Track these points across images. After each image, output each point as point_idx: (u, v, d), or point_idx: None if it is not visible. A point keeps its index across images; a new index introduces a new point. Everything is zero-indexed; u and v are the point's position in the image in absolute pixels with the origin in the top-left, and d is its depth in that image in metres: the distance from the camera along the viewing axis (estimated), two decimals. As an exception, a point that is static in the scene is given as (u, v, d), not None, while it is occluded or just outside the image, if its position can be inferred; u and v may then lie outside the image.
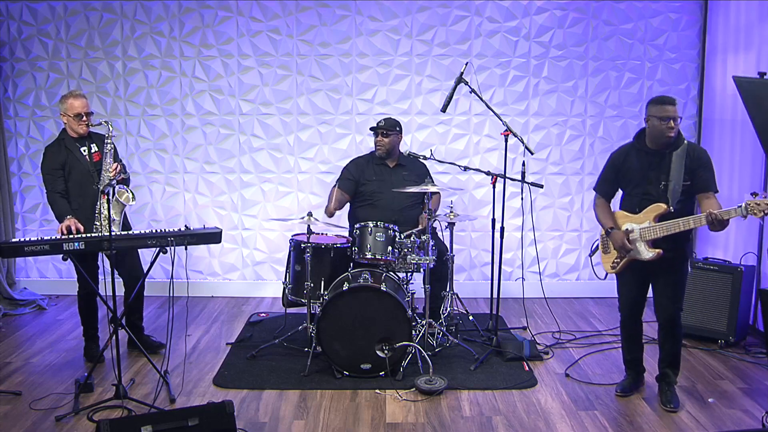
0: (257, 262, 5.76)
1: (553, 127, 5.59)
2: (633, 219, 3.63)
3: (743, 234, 4.87)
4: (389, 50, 5.50)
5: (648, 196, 3.59)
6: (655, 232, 3.53)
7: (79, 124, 4.02)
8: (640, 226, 3.58)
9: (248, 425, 3.42)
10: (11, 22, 5.47)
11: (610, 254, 3.75)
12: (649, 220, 3.56)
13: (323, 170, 5.61)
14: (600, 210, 3.78)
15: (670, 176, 3.52)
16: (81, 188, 4.04)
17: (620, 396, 3.76)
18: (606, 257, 3.78)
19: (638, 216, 3.61)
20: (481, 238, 5.67)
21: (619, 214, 3.71)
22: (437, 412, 3.59)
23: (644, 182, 3.60)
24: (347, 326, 3.93)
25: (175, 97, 5.55)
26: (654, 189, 3.57)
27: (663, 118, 3.47)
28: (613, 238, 3.65)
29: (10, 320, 5.11)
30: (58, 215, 3.96)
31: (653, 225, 3.54)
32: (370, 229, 4.19)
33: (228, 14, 5.46)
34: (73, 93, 4.06)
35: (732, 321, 4.43)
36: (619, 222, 3.68)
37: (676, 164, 3.51)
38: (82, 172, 4.05)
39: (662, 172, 3.55)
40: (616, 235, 3.63)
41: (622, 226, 3.66)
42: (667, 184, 3.53)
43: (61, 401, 3.66)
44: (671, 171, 3.52)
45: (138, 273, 4.26)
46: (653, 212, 3.55)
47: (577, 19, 5.48)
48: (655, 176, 3.57)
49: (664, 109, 3.47)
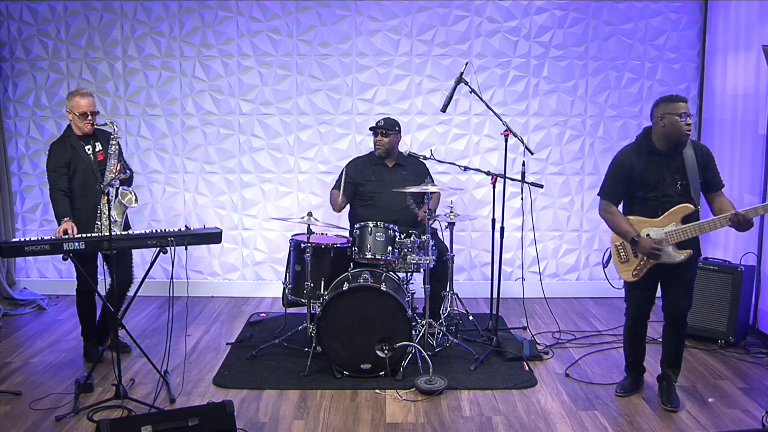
0: (257, 262, 5.76)
1: (553, 127, 5.59)
2: (653, 223, 3.49)
3: (743, 234, 4.83)
4: (389, 50, 5.50)
5: (666, 198, 3.46)
6: (686, 234, 3.41)
7: (84, 123, 4.00)
8: (665, 229, 3.45)
9: (248, 425, 3.42)
10: (11, 22, 5.47)
11: (629, 262, 3.59)
12: (674, 223, 3.44)
13: (323, 170, 5.61)
14: (616, 218, 3.58)
15: (687, 175, 3.43)
16: (84, 187, 4.03)
17: (620, 396, 3.76)
18: (625, 266, 3.61)
19: (659, 220, 3.47)
20: (481, 238, 5.66)
21: (635, 219, 3.54)
22: (437, 412, 3.59)
23: (661, 184, 3.47)
24: (347, 326, 3.93)
25: (175, 97, 5.55)
26: (671, 190, 3.46)
27: (681, 114, 3.37)
28: (642, 246, 3.47)
29: (10, 320, 5.11)
30: (57, 215, 3.95)
31: (681, 227, 3.42)
32: (370, 229, 4.19)
33: (228, 14, 5.46)
34: (80, 91, 4.03)
35: (732, 321, 4.43)
36: (637, 228, 3.52)
37: (690, 162, 3.43)
38: (86, 171, 4.03)
39: (677, 172, 3.45)
40: (645, 242, 3.46)
41: (641, 231, 3.51)
42: (686, 183, 3.43)
43: (61, 401, 3.66)
44: (687, 169, 3.43)
45: (128, 276, 4.26)
46: (679, 214, 3.44)
47: (577, 19, 5.48)
48: (670, 177, 3.46)
49: (680, 106, 3.39)
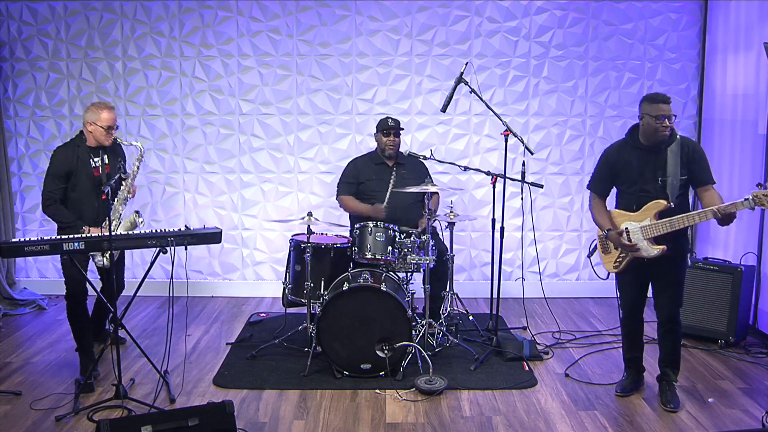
0: (257, 262, 5.76)
1: (553, 127, 5.59)
2: (631, 217, 3.59)
3: (743, 234, 4.86)
4: (389, 50, 5.50)
5: (645, 193, 3.55)
6: (658, 229, 3.48)
7: (107, 136, 3.95)
8: (641, 224, 3.54)
9: (248, 425, 3.42)
10: (11, 22, 5.47)
11: (611, 254, 3.72)
12: (649, 218, 3.52)
13: (323, 170, 5.61)
14: (596, 210, 3.73)
15: (668, 171, 3.49)
16: (85, 198, 3.95)
17: (620, 396, 3.76)
18: (607, 257, 3.75)
19: (636, 214, 3.57)
20: (481, 238, 5.66)
21: (616, 213, 3.67)
22: (437, 412, 3.58)
23: (640, 179, 3.56)
24: (347, 326, 3.93)
25: (175, 97, 5.55)
26: (651, 186, 3.54)
27: (657, 117, 3.43)
28: (612, 240, 3.63)
29: (10, 320, 5.11)
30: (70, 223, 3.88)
31: (655, 222, 3.49)
32: (370, 229, 4.19)
33: (228, 14, 5.46)
34: (107, 105, 3.98)
35: (732, 321, 4.43)
36: (617, 221, 3.65)
37: (672, 159, 3.48)
38: (88, 182, 3.95)
39: (658, 168, 3.52)
40: (612, 236, 3.60)
41: (621, 225, 3.61)
42: (665, 179, 3.50)
43: (61, 401, 3.66)
44: (668, 166, 3.49)
45: (120, 283, 4.23)
46: (653, 209, 3.51)
47: (577, 19, 5.48)
48: (651, 172, 3.53)
49: (659, 108, 3.43)
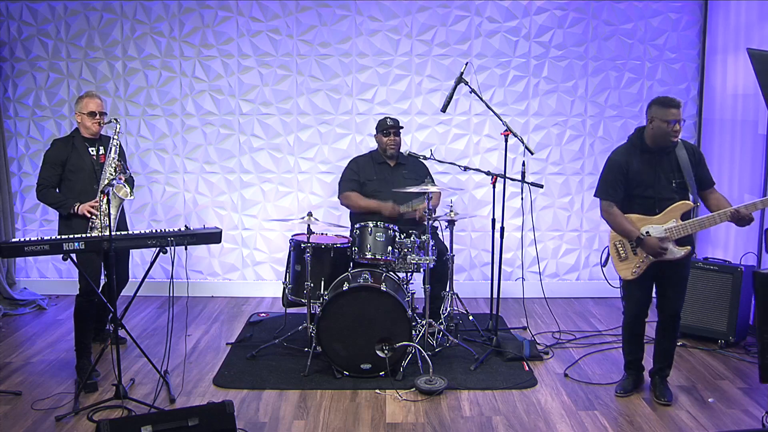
0: (257, 262, 5.76)
1: (553, 127, 5.59)
2: (652, 221, 3.54)
3: (743, 234, 4.86)
4: (389, 50, 5.50)
5: (662, 195, 3.52)
6: (686, 230, 3.47)
7: (92, 122, 4.00)
8: (665, 226, 3.50)
9: (248, 425, 3.42)
10: (11, 22, 5.47)
11: (628, 260, 3.63)
12: (674, 219, 3.49)
13: (323, 170, 5.61)
14: (618, 218, 3.59)
15: (683, 173, 3.50)
16: (82, 188, 4.00)
17: (620, 396, 3.76)
18: (624, 264, 3.65)
19: (658, 217, 3.53)
20: (481, 238, 5.66)
21: (635, 217, 3.58)
22: (437, 412, 3.58)
23: (656, 182, 3.53)
24: (347, 326, 3.93)
25: (175, 97, 5.55)
26: (666, 188, 3.52)
27: (669, 121, 3.43)
28: (648, 244, 3.50)
29: (10, 320, 5.11)
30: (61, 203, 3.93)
31: (681, 224, 3.48)
32: (370, 229, 4.19)
33: (228, 14, 5.46)
34: (89, 92, 4.11)
35: (732, 321, 4.43)
36: (637, 226, 3.57)
37: (683, 160, 3.50)
38: (86, 172, 4.01)
39: (671, 170, 3.53)
40: (651, 240, 3.50)
41: (641, 229, 3.55)
42: (682, 181, 3.50)
43: (61, 401, 3.66)
44: (682, 168, 3.50)
45: (125, 276, 4.27)
46: (678, 210, 3.49)
47: (577, 19, 5.48)
48: (665, 175, 3.53)
49: (670, 113, 3.43)
